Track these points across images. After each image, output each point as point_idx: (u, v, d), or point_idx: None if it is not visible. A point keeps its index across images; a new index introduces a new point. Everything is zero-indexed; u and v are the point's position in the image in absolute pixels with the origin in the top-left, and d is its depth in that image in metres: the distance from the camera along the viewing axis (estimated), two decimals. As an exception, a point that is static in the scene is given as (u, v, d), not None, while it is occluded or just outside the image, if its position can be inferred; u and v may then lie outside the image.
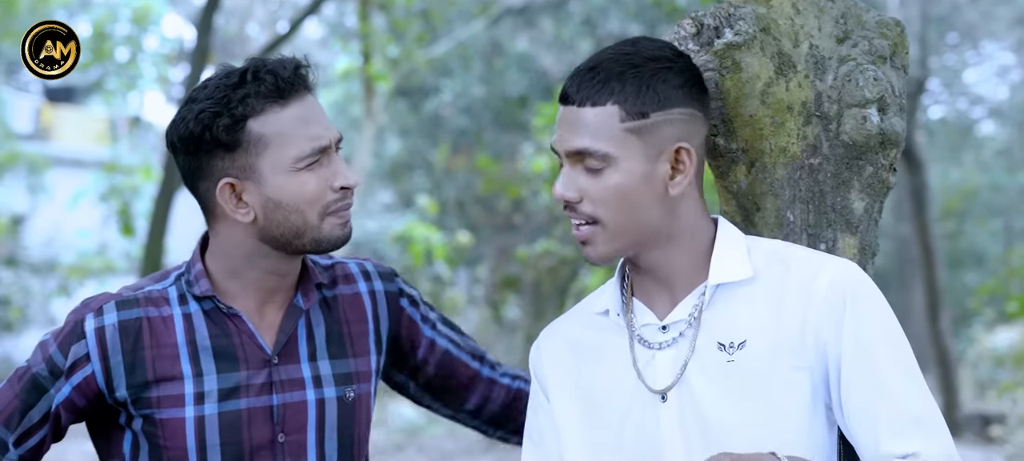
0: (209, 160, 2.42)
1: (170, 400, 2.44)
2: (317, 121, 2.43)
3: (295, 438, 2.47)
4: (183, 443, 2.43)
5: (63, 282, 18.70)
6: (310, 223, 2.41)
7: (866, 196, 2.42)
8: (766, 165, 2.42)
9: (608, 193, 2.20)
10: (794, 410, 2.19)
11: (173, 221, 13.46)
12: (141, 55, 18.37)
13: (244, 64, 2.42)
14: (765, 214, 2.43)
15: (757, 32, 2.40)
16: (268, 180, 2.40)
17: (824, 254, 2.30)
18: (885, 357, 2.19)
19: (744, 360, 2.21)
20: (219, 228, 2.49)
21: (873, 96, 2.38)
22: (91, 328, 2.44)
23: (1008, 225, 21.92)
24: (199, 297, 2.48)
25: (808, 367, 2.20)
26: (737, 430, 2.19)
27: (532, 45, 20.06)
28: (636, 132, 2.20)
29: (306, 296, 2.52)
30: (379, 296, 2.63)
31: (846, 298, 2.19)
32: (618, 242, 2.24)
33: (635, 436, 2.25)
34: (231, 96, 2.38)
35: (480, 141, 19.13)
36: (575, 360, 2.37)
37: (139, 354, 2.44)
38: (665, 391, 2.24)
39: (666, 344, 2.26)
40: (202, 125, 2.38)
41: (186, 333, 2.46)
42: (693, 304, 2.26)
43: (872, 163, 2.41)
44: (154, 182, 17.09)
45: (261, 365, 2.47)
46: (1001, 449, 12.64)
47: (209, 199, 2.46)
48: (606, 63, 2.22)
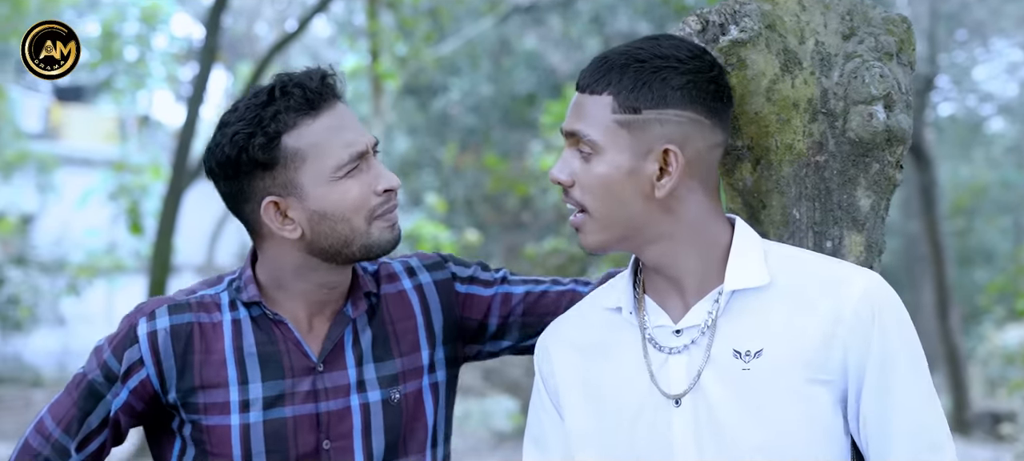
0: (249, 182, 2.42)
1: (216, 407, 2.44)
2: (350, 128, 2.43)
3: (340, 444, 2.47)
4: (229, 451, 2.44)
5: (72, 281, 18.74)
6: (358, 230, 2.41)
7: (872, 193, 2.41)
8: (772, 162, 2.41)
9: (594, 182, 2.20)
10: (810, 422, 2.18)
11: (182, 220, 13.47)
12: (150, 54, 18.40)
13: (271, 81, 2.42)
14: (771, 211, 2.42)
15: (762, 29, 2.39)
16: (310, 193, 2.40)
17: (848, 264, 2.28)
18: (905, 377, 2.19)
19: (760, 369, 2.18)
20: (266, 247, 2.49)
21: (879, 93, 2.36)
22: (144, 332, 2.46)
23: (1018, 222, 21.88)
24: (247, 303, 2.48)
25: (829, 381, 2.18)
26: (752, 439, 2.18)
27: (540, 43, 20.06)
28: (626, 125, 2.19)
29: (355, 305, 2.52)
30: (427, 288, 2.61)
31: (875, 314, 2.17)
32: (606, 234, 2.23)
33: (647, 438, 2.23)
34: (262, 114, 2.38)
35: (488, 139, 19.14)
36: (583, 359, 2.34)
37: (189, 359, 2.45)
38: (680, 397, 2.21)
39: (679, 349, 2.23)
40: (238, 147, 2.38)
41: (234, 340, 2.47)
42: (707, 309, 2.23)
43: (878, 160, 2.40)
44: (163, 181, 17.12)
45: (306, 373, 2.47)
46: (1011, 447, 12.62)
47: (254, 220, 2.46)
48: (615, 55, 2.22)
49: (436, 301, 2.61)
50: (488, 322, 2.64)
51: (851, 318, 2.17)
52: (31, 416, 16.42)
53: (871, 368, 2.17)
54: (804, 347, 2.18)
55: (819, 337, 2.18)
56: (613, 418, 2.27)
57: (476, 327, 2.64)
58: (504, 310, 2.63)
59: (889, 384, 2.17)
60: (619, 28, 18.50)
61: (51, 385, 18.91)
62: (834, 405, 2.19)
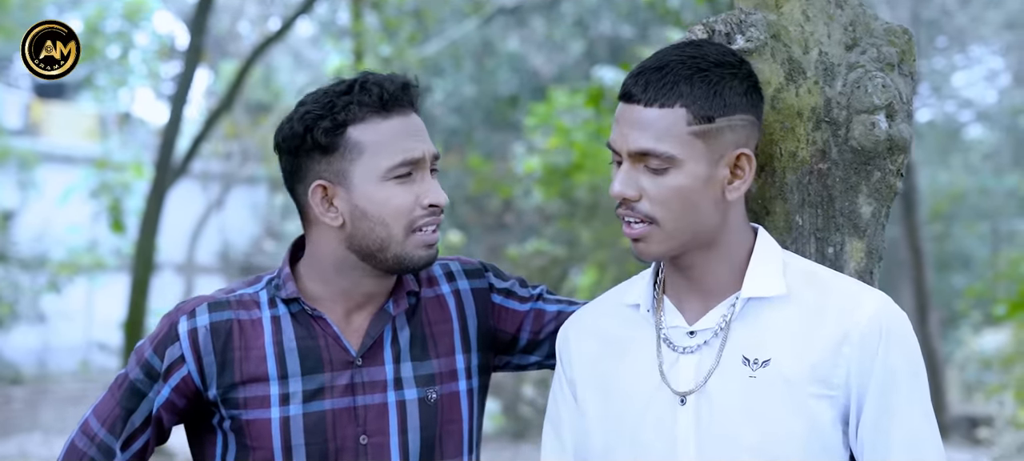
0: (307, 162, 2.47)
1: (256, 401, 2.48)
2: (415, 136, 2.46)
3: (377, 440, 2.50)
4: (269, 444, 2.47)
5: (53, 278, 18.66)
6: (394, 237, 2.44)
7: (874, 201, 2.46)
8: (776, 169, 2.45)
9: (669, 194, 2.22)
10: (809, 434, 2.22)
11: (165, 219, 13.45)
12: (132, 51, 18.35)
13: (357, 76, 2.48)
14: (774, 218, 2.46)
15: (768, 38, 2.44)
16: (358, 187, 2.44)
17: (862, 285, 2.33)
18: (905, 399, 2.24)
19: (766, 378, 2.23)
20: (312, 233, 2.53)
21: (882, 102, 2.41)
22: (185, 330, 2.50)
23: (995, 228, 21.98)
24: (286, 300, 2.52)
25: (832, 396, 2.23)
26: (750, 445, 2.23)
27: (523, 45, 20.08)
28: (702, 136, 2.22)
29: (396, 303, 2.55)
30: (465, 295, 2.64)
31: (881, 336, 2.22)
32: (672, 242, 2.26)
33: (653, 432, 2.28)
34: (336, 102, 2.44)
35: (471, 140, 19.14)
36: (600, 349, 2.40)
37: (229, 355, 2.49)
38: (685, 395, 2.27)
39: (691, 349, 2.29)
40: (304, 126, 2.44)
41: (273, 335, 2.50)
42: (722, 314, 2.29)
43: (880, 168, 2.45)
44: (145, 179, 17.10)
45: (344, 367, 2.50)
46: (988, 451, 12.71)
47: (304, 201, 2.50)
48: (674, 65, 2.23)
49: (472, 308, 2.64)
50: (520, 336, 2.67)
51: (858, 338, 2.22)
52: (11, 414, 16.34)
53: (873, 388, 2.22)
54: (811, 362, 2.22)
55: (827, 353, 2.23)
56: (622, 409, 2.33)
57: (508, 340, 2.67)
58: (536, 327, 2.66)
59: (889, 405, 2.23)
60: (602, 31, 18.54)
61: (31, 382, 18.84)
62: (835, 420, 2.24)
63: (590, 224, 13.95)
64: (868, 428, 2.23)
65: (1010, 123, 21.92)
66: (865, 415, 2.23)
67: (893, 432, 2.23)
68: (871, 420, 2.23)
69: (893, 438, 2.23)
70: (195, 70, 13.24)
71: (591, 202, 13.89)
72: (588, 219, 13.98)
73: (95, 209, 18.31)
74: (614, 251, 13.52)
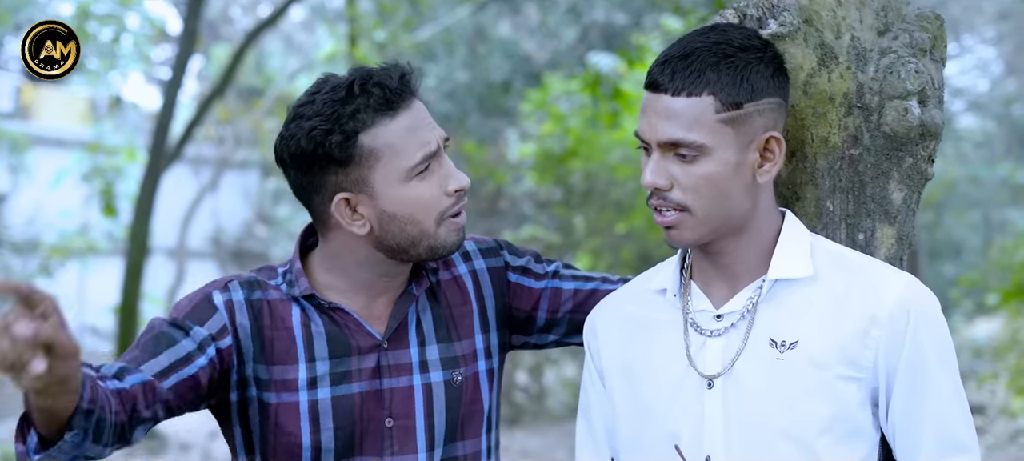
0: (322, 176, 2.41)
1: (284, 385, 2.45)
2: (424, 127, 2.42)
3: (403, 422, 2.48)
4: (297, 429, 2.44)
5: (44, 262, 18.60)
6: (427, 231, 2.42)
7: (905, 187, 2.45)
8: (807, 155, 2.44)
9: (700, 182, 2.21)
10: (837, 415, 2.22)
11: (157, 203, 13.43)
12: (124, 35, 18.29)
13: (349, 75, 2.42)
14: (805, 203, 2.45)
15: (800, 23, 2.42)
16: (382, 193, 2.40)
17: (890, 267, 2.32)
18: (935, 380, 2.24)
19: (794, 360, 2.23)
20: (331, 237, 2.49)
21: (914, 88, 2.40)
22: (221, 302, 2.45)
23: (987, 217, 22.04)
24: (302, 297, 2.48)
25: (860, 378, 2.22)
26: (777, 427, 2.22)
27: (515, 31, 20.04)
28: (730, 122, 2.21)
29: (418, 283, 2.53)
30: (481, 274, 2.63)
31: (910, 317, 2.22)
32: (704, 228, 2.25)
33: (681, 415, 2.28)
34: (341, 111, 2.37)
35: (464, 126, 19.11)
36: (627, 336, 2.40)
37: (262, 333, 2.45)
38: (713, 378, 2.26)
39: (718, 332, 2.28)
40: (314, 142, 2.37)
41: (301, 319, 2.47)
42: (749, 296, 2.28)
43: (912, 154, 2.44)
44: (137, 163, 17.06)
45: (371, 350, 2.48)
46: (981, 440, 12.72)
47: (322, 212, 2.46)
48: (699, 52, 2.22)
49: (489, 287, 2.63)
50: (536, 315, 2.66)
51: (887, 320, 2.21)
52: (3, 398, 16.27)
53: (903, 369, 2.22)
54: (839, 344, 2.22)
55: (855, 335, 2.22)
56: (650, 394, 2.33)
57: (524, 318, 2.66)
58: (553, 305, 2.65)
59: (919, 385, 2.22)
60: (596, 18, 18.50)
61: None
62: (863, 402, 2.23)
63: (584, 211, 13.95)
64: (899, 409, 2.23)
65: (1002, 112, 21.95)
66: (895, 396, 2.23)
67: (925, 412, 2.23)
68: (901, 401, 2.22)
69: (925, 418, 2.23)
70: (190, 55, 13.21)
71: (586, 189, 13.90)
72: (582, 206, 13.98)
73: (87, 193, 18.25)
74: (609, 238, 13.53)
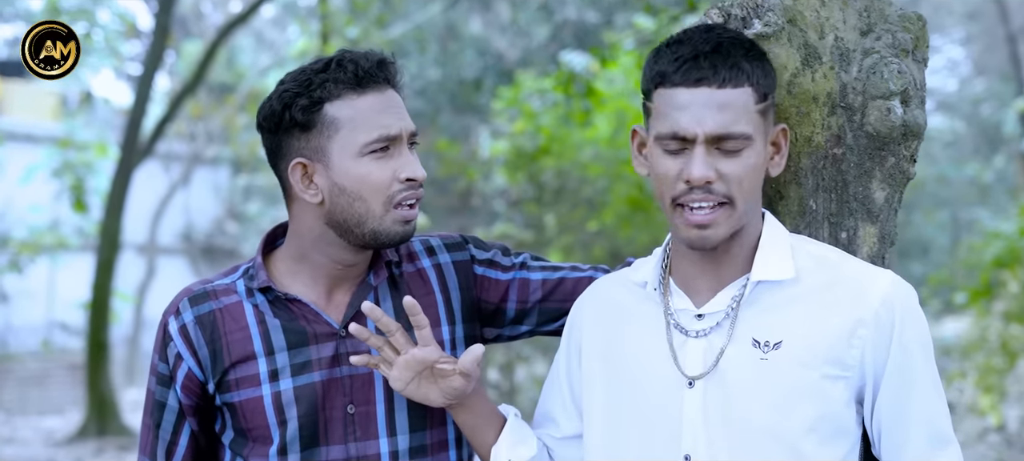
0: (287, 140, 2.50)
1: (247, 381, 2.52)
2: (391, 112, 2.48)
3: (364, 409, 2.53)
4: (264, 421, 2.51)
5: (14, 257, 18.50)
6: (373, 212, 2.47)
7: (887, 186, 2.48)
8: (790, 154, 2.46)
9: (746, 173, 2.23)
10: (822, 415, 2.24)
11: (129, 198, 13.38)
12: (95, 30, 18.19)
13: (335, 54, 2.51)
14: (788, 202, 2.48)
15: (784, 23, 2.45)
16: (336, 164, 2.46)
17: (870, 265, 2.35)
18: (923, 376, 2.27)
19: (778, 361, 2.25)
20: (294, 209, 2.55)
21: (897, 89, 2.43)
22: (175, 329, 2.56)
23: (955, 217, 22.18)
24: (260, 289, 2.54)
25: (846, 377, 2.25)
26: (761, 426, 2.24)
27: (487, 29, 20.05)
28: (763, 113, 2.25)
29: (376, 274, 2.58)
30: (446, 268, 2.66)
31: (896, 315, 2.25)
32: (736, 223, 2.27)
33: (659, 415, 2.30)
34: (313, 79, 2.47)
35: (435, 123, 19.11)
36: (606, 316, 2.43)
37: (218, 344, 2.53)
38: (694, 379, 2.28)
39: (701, 332, 2.30)
40: (283, 104, 2.47)
41: (256, 316, 2.54)
42: (731, 296, 2.30)
43: (894, 154, 2.47)
44: (108, 159, 16.97)
45: (329, 338, 2.52)
46: (949, 437, 12.79)
47: (285, 178, 2.53)
48: (727, 44, 2.23)
49: (454, 280, 2.66)
50: (506, 307, 2.69)
51: (873, 319, 2.24)
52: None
53: (890, 369, 2.25)
54: (824, 344, 2.24)
55: (841, 335, 2.24)
56: (628, 389, 2.35)
57: (493, 310, 2.69)
58: (522, 296, 2.69)
59: (907, 382, 2.25)
60: (567, 16, 18.53)
61: (-7, 361, 18.74)
62: (849, 400, 2.26)
63: (556, 208, 13.97)
64: (886, 406, 2.26)
65: (971, 112, 22.10)
66: (882, 394, 2.26)
67: (912, 409, 2.26)
68: (889, 398, 2.26)
69: (912, 415, 2.26)
70: (162, 50, 13.17)
71: (557, 186, 13.91)
72: (554, 203, 14.00)
73: (57, 189, 18.16)
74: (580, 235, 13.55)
